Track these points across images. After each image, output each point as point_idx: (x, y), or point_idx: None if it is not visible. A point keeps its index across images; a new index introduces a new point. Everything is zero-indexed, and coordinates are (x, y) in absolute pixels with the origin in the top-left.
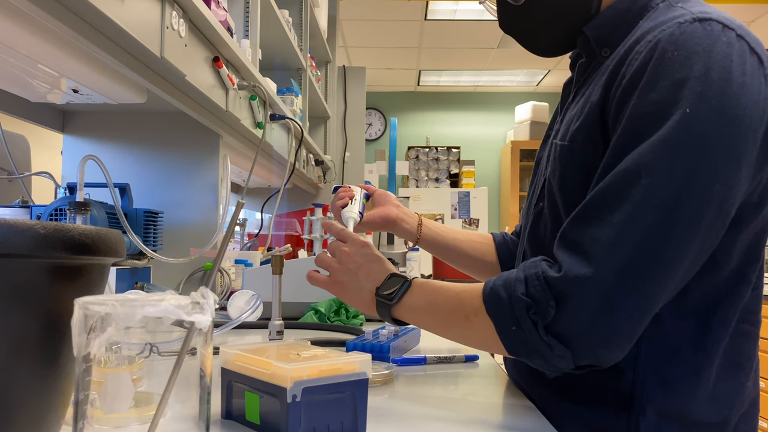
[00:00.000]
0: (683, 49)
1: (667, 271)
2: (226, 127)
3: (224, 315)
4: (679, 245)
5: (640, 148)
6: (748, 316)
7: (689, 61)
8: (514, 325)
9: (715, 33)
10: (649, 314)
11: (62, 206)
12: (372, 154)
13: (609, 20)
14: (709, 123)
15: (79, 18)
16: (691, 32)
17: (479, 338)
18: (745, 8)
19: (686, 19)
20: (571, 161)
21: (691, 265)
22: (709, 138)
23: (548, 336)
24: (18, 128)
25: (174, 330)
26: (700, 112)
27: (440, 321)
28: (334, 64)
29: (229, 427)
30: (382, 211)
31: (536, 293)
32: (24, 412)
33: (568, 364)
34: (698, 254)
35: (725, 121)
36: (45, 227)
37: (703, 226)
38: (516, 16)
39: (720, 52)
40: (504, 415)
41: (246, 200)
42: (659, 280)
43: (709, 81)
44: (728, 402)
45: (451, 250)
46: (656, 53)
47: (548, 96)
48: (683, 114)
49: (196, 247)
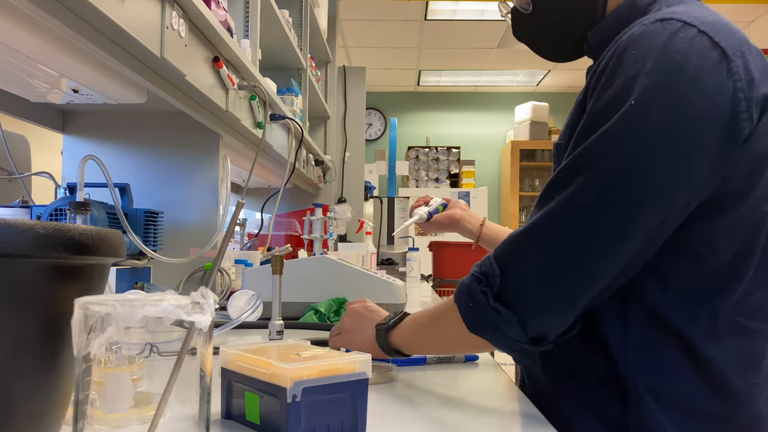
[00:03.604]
0: (640, 48)
1: (600, 249)
2: (226, 127)
3: (224, 315)
4: (611, 227)
5: (591, 139)
6: (755, 314)
7: (643, 58)
8: (470, 301)
9: (673, 30)
10: (585, 286)
11: (62, 206)
12: (372, 154)
13: (609, 25)
14: (655, 115)
15: (79, 18)
16: (650, 31)
17: (453, 334)
18: (745, 8)
19: (649, 20)
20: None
21: (632, 247)
22: (653, 129)
23: (496, 303)
24: (18, 128)
25: (174, 330)
26: (646, 105)
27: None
28: (334, 64)
29: (229, 427)
30: (448, 212)
31: (485, 268)
32: (24, 412)
33: (520, 334)
34: (637, 237)
35: (672, 113)
36: (45, 227)
37: (641, 211)
38: (527, 24)
39: (674, 48)
40: (504, 415)
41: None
42: (592, 255)
43: (658, 75)
44: (734, 397)
45: None
46: (617, 53)
47: (548, 96)
48: (629, 106)
49: (196, 247)
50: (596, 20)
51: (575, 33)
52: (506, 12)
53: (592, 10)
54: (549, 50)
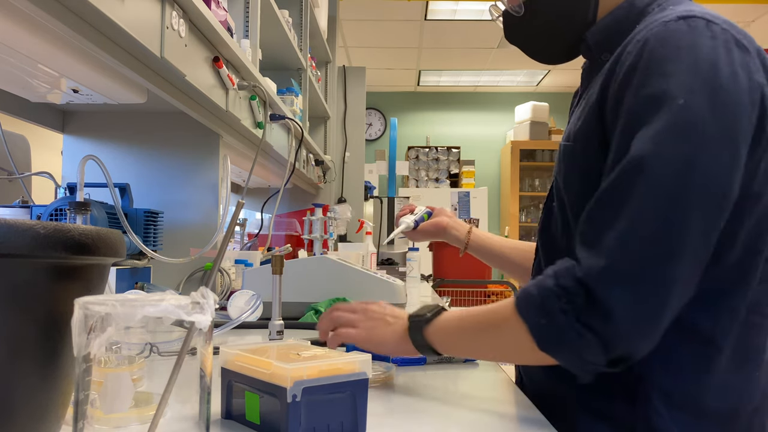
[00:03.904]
0: (669, 46)
1: (682, 256)
2: (226, 127)
3: (224, 315)
4: (688, 230)
5: (639, 142)
6: (758, 308)
7: (677, 56)
8: (544, 317)
9: (700, 28)
10: (673, 301)
11: (62, 206)
12: (372, 154)
13: (608, 26)
14: (703, 111)
15: (79, 18)
16: (677, 29)
17: (510, 345)
18: (745, 8)
19: (671, 18)
20: (573, 160)
21: (705, 248)
22: (704, 125)
23: (578, 324)
24: (18, 128)
25: (174, 330)
26: (693, 103)
27: (470, 337)
28: (334, 64)
29: (229, 427)
30: (434, 220)
31: (565, 284)
32: (24, 412)
33: (599, 357)
34: (709, 236)
35: (718, 108)
36: (45, 227)
37: (709, 208)
38: (519, 27)
39: (706, 45)
40: (504, 415)
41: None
42: (674, 264)
43: (697, 72)
44: (737, 393)
45: (498, 256)
46: (645, 51)
47: (548, 96)
48: (677, 106)
49: (196, 247)
50: (588, 22)
51: (568, 35)
52: (497, 15)
53: (584, 11)
54: (542, 52)
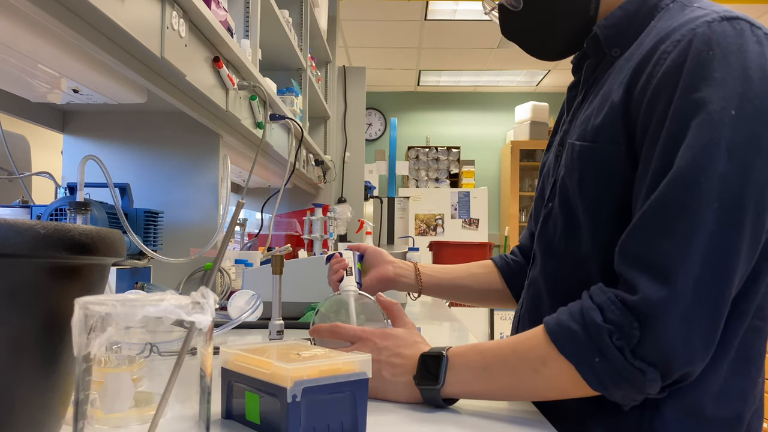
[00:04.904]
0: (718, 49)
1: (735, 272)
2: (226, 127)
3: (224, 315)
4: (742, 245)
5: (691, 153)
6: (761, 312)
7: (726, 60)
8: (597, 356)
9: (746, 32)
10: (724, 318)
11: (62, 206)
12: (372, 154)
13: (619, 20)
14: (756, 122)
15: (79, 18)
16: (722, 31)
17: (554, 387)
18: (745, 8)
19: (714, 18)
20: (592, 161)
21: (749, 263)
22: (759, 137)
23: (637, 360)
24: (18, 128)
25: (174, 330)
26: (746, 113)
27: (502, 384)
28: (334, 64)
29: (229, 427)
30: (377, 273)
31: (616, 318)
32: (24, 412)
33: (656, 388)
34: (756, 250)
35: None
36: (45, 227)
37: (759, 224)
38: (516, 22)
39: (753, 50)
40: (504, 415)
41: (246, 200)
42: (730, 283)
43: (749, 80)
44: (741, 397)
45: (455, 289)
46: (690, 52)
47: (548, 96)
48: (729, 116)
49: (196, 247)
50: (590, 16)
51: (568, 29)
52: (490, 9)
53: (586, 5)
54: (539, 48)
